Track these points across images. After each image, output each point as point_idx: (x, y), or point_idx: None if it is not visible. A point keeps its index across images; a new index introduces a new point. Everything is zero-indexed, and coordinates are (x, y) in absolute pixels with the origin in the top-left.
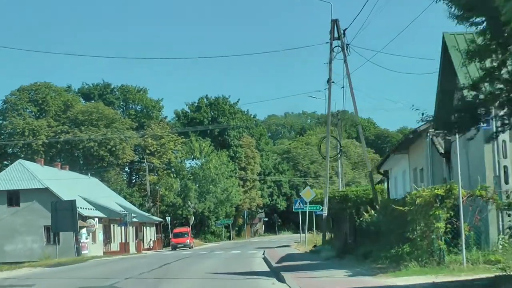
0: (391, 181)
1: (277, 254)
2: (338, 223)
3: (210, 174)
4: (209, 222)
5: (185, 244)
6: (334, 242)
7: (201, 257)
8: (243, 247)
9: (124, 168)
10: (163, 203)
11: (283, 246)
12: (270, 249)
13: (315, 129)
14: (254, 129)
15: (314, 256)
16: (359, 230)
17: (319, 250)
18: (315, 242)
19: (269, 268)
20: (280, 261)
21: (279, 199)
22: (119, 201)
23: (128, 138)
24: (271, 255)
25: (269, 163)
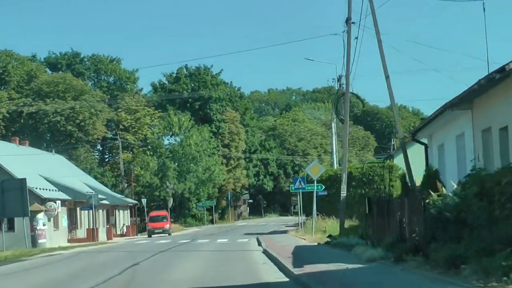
0: (432, 151)
1: (281, 247)
2: (382, 207)
3: (191, 151)
4: (189, 204)
5: (164, 229)
6: (370, 234)
7: (182, 251)
8: (230, 233)
9: (95, 146)
10: (139, 184)
11: (278, 233)
12: (264, 236)
13: (301, 105)
14: (238, 102)
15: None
16: (430, 218)
17: (342, 244)
18: (324, 229)
19: (286, 275)
20: (297, 261)
21: (266, 179)
22: (88, 182)
23: (99, 112)
24: (274, 248)
25: (255, 140)
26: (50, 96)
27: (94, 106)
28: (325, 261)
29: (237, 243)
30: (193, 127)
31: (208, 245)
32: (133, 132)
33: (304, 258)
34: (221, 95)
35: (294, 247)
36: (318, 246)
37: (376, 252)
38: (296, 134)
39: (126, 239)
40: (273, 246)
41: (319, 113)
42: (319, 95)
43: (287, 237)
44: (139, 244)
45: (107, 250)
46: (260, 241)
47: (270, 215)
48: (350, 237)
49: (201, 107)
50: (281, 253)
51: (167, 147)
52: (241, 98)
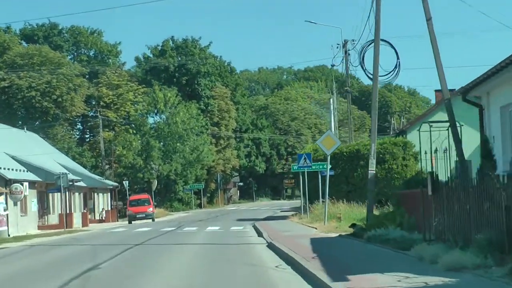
0: (490, 114)
1: (290, 238)
2: (462, 188)
3: (177, 129)
4: (176, 187)
5: (146, 214)
6: (436, 225)
7: (163, 244)
8: (221, 219)
9: (74, 124)
10: (121, 165)
11: (275, 219)
12: (261, 223)
13: (293, 84)
14: (228, 78)
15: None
16: None
17: (381, 237)
18: (338, 215)
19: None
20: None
21: (258, 160)
22: (64, 162)
23: (77, 87)
24: (281, 240)
25: (246, 118)
26: (24, 70)
27: (72, 81)
28: (375, 267)
29: (231, 232)
30: (179, 104)
31: (196, 235)
32: (114, 109)
33: (338, 260)
34: (210, 70)
35: (310, 239)
36: (342, 239)
37: (464, 256)
38: (289, 113)
39: (103, 225)
40: (279, 237)
41: (312, 92)
42: (311, 74)
43: (291, 225)
44: (114, 233)
45: (70, 242)
46: (260, 229)
47: (261, 199)
48: (389, 228)
49: (189, 82)
50: (296, 249)
51: (151, 125)
52: (231, 73)
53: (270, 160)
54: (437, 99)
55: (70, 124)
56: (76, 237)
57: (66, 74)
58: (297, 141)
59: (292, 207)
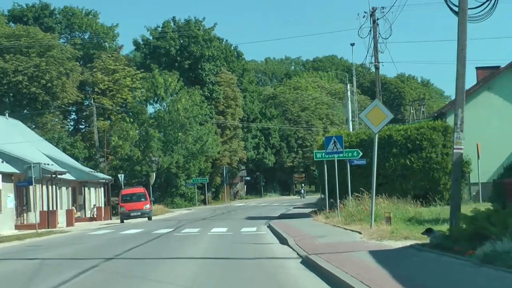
0: None
1: (336, 250)
2: None
3: (179, 118)
4: (177, 181)
5: (142, 211)
6: None
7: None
8: (227, 217)
9: (68, 113)
10: (116, 157)
11: (293, 217)
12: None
13: (302, 75)
14: (235, 63)
15: None
16: None
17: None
18: (387, 214)
19: None
20: None
21: (267, 152)
22: (50, 153)
23: (69, 71)
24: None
25: (254, 107)
26: (10, 52)
27: (63, 64)
28: None
29: (243, 236)
30: (181, 90)
31: (197, 241)
32: (110, 96)
33: None
34: (215, 53)
35: (369, 253)
36: (422, 253)
37: None
38: (299, 103)
39: (91, 225)
40: (315, 247)
41: (323, 81)
42: (320, 64)
43: (319, 226)
44: (91, 237)
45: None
46: (280, 232)
47: (270, 194)
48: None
49: (192, 67)
50: (364, 275)
51: (151, 114)
52: (238, 58)
53: (279, 152)
54: (479, 77)
55: (61, 113)
56: (39, 243)
57: (57, 57)
58: (308, 132)
59: (305, 203)
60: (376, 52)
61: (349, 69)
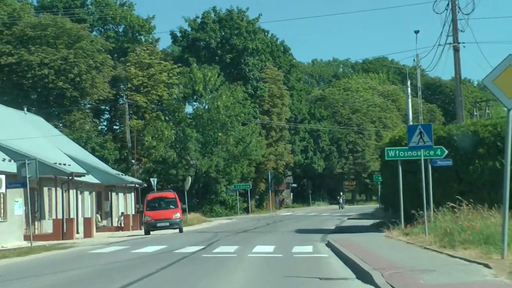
0: None
1: None
2: None
3: (219, 116)
4: (217, 187)
5: (170, 221)
6: None
7: None
8: (274, 229)
9: (101, 112)
10: (150, 159)
11: (351, 230)
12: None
13: (351, 76)
14: (281, 58)
15: None
16: None
17: None
18: None
19: None
20: None
21: (316, 157)
22: (72, 152)
23: (99, 64)
24: None
25: (302, 107)
26: (36, 43)
27: (93, 57)
28: None
29: (297, 260)
30: (222, 86)
31: (232, 269)
32: (144, 92)
33: None
34: (259, 46)
35: None
36: None
37: None
38: (350, 105)
39: (113, 236)
40: None
41: (374, 83)
42: (370, 66)
43: (403, 249)
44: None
45: None
46: (354, 260)
47: (318, 203)
48: None
49: (234, 62)
50: None
51: (188, 112)
52: (285, 53)
53: (329, 157)
54: None
55: (92, 110)
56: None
57: (86, 49)
58: (359, 136)
59: (360, 213)
60: (455, 31)
61: (401, 71)
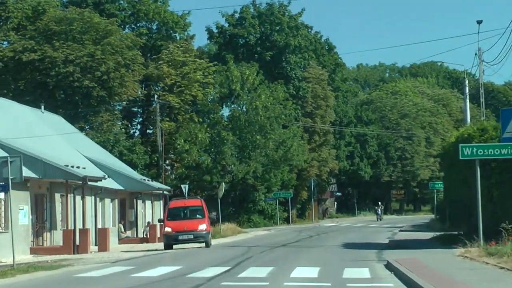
0: None
1: None
2: None
3: (258, 118)
4: (255, 195)
5: (196, 233)
6: None
7: None
8: (317, 243)
9: (134, 115)
10: (182, 164)
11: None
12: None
13: (398, 81)
14: (326, 57)
15: None
16: None
17: None
18: None
19: None
20: None
21: (363, 163)
22: (93, 155)
23: (129, 62)
24: None
25: (347, 109)
26: (61, 38)
27: (122, 54)
28: None
29: None
30: (261, 85)
31: None
32: (177, 92)
33: None
34: (302, 43)
35: None
36: None
37: None
38: (398, 110)
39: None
40: None
41: (424, 86)
42: (419, 70)
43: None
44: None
45: None
46: None
47: (364, 213)
48: None
49: (274, 60)
50: None
51: (226, 118)
52: (329, 51)
53: (377, 164)
54: None
55: (121, 112)
56: None
57: (115, 45)
58: (408, 143)
59: (412, 224)
60: None
61: (451, 75)
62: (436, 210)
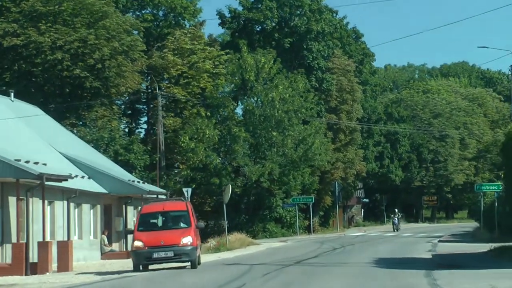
0: None
1: None
2: None
3: (274, 112)
4: (272, 200)
5: (177, 249)
6: None
7: None
8: (342, 259)
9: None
10: (187, 164)
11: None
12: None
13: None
14: (353, 46)
15: None
16: None
17: None
18: None
19: None
20: None
21: (393, 165)
22: (77, 154)
23: (127, 49)
24: None
25: (376, 105)
26: (48, 21)
27: (120, 39)
28: None
29: None
30: (279, 74)
31: None
32: (184, 84)
33: None
34: (326, 29)
35: None
36: None
37: None
38: (430, 109)
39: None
40: None
41: (458, 85)
42: (450, 70)
43: None
44: None
45: None
46: None
47: None
48: None
49: (294, 48)
50: None
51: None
52: (356, 40)
53: (408, 166)
54: None
55: (120, 107)
56: None
57: (111, 29)
58: (441, 144)
59: (451, 234)
60: None
61: (484, 75)
62: (482, 216)
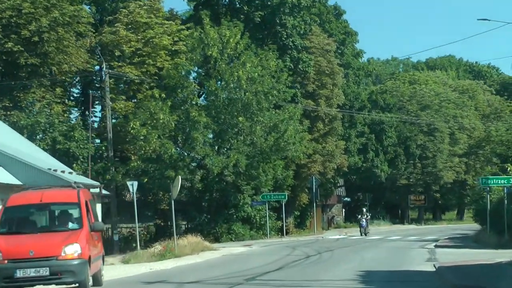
0: None
1: None
2: None
3: (241, 93)
4: (239, 198)
5: (53, 264)
6: None
7: None
8: (314, 271)
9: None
10: (139, 154)
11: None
12: None
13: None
14: (333, 24)
15: None
16: None
17: None
18: None
19: None
20: None
21: (378, 159)
22: None
23: (68, 19)
24: None
25: (360, 91)
26: None
27: (61, 8)
28: None
29: None
30: (247, 51)
31: None
32: (138, 62)
33: None
34: (302, 2)
35: None
36: None
37: None
38: (418, 100)
39: None
40: None
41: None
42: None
43: None
44: None
45: None
46: None
47: (378, 222)
48: None
49: (266, 22)
50: None
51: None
52: (338, 17)
53: (394, 162)
54: None
55: (62, 88)
56: None
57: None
58: (429, 139)
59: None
60: None
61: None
62: (489, 219)
